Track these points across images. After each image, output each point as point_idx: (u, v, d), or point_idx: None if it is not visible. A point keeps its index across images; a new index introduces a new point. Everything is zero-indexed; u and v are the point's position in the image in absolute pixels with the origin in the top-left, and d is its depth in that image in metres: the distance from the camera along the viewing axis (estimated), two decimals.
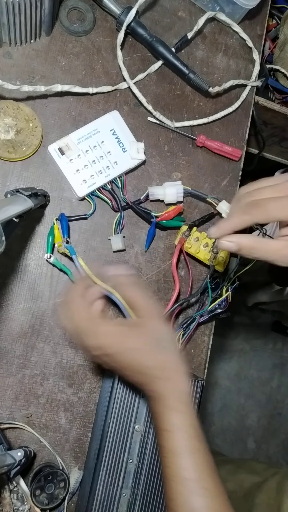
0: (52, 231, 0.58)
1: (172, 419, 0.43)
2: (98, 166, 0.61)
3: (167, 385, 0.44)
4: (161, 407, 0.44)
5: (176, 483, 0.41)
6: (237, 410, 1.65)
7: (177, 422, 0.43)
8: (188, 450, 0.42)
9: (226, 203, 0.64)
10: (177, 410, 0.43)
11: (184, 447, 0.42)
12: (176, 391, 0.44)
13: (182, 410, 0.43)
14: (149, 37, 0.64)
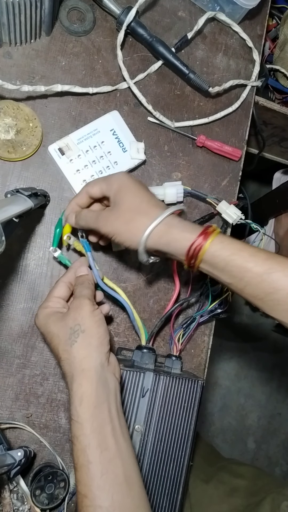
0: (60, 223, 0.55)
1: (72, 427, 0.42)
2: (98, 166, 0.61)
3: (72, 386, 0.43)
4: (69, 405, 0.44)
5: (77, 493, 0.42)
6: (237, 410, 1.65)
7: (75, 432, 0.42)
8: (79, 464, 0.41)
9: (226, 203, 0.64)
10: (75, 420, 0.42)
11: (77, 459, 0.42)
12: (77, 397, 0.42)
13: (79, 420, 0.42)
14: (149, 37, 0.64)
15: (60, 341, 0.46)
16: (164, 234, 0.47)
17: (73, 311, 0.46)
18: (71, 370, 0.44)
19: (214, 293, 0.63)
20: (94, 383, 0.43)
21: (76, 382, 0.43)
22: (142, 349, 0.58)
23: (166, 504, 0.55)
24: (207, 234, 0.46)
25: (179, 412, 0.56)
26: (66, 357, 0.45)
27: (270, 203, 1.18)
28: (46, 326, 0.48)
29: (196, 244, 0.46)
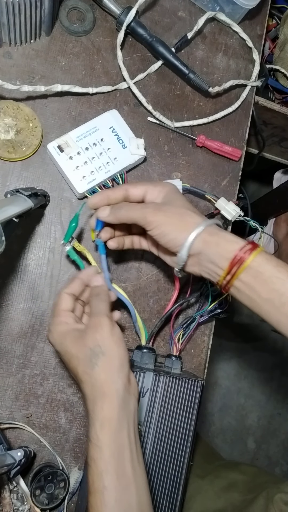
0: (76, 218, 0.53)
1: (90, 450, 0.41)
2: (97, 162, 0.61)
3: (94, 408, 0.42)
4: (89, 427, 0.43)
5: None
6: (237, 410, 1.65)
7: (93, 455, 0.41)
8: (94, 488, 0.40)
9: (224, 200, 0.64)
10: (95, 443, 0.41)
11: (93, 482, 0.41)
12: (98, 421, 0.42)
13: (99, 444, 0.41)
14: (149, 37, 0.64)
15: (79, 362, 0.44)
16: (215, 234, 0.46)
17: (92, 331, 0.45)
18: (93, 393, 0.43)
19: (214, 293, 0.63)
20: (116, 408, 0.42)
21: (97, 405, 0.42)
22: (142, 349, 0.58)
23: (166, 504, 0.55)
24: (256, 245, 0.45)
25: (179, 412, 0.56)
26: (87, 379, 0.43)
27: (270, 203, 1.18)
28: (63, 346, 0.46)
29: (246, 248, 0.44)
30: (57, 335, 0.47)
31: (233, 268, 0.44)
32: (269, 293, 0.43)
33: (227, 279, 0.45)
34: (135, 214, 0.48)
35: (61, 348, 0.46)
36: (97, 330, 0.44)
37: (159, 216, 0.47)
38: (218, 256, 0.45)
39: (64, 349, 0.46)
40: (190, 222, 0.46)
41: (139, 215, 0.48)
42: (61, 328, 0.47)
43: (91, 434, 0.42)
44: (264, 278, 0.43)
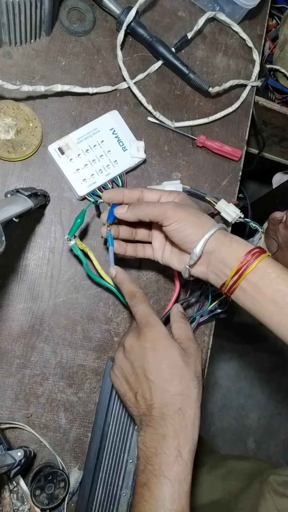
0: (82, 214, 0.54)
1: (176, 467, 0.41)
2: (98, 165, 0.61)
3: (182, 422, 0.42)
4: (165, 446, 0.42)
5: None
6: (237, 410, 1.65)
7: (179, 471, 0.41)
8: (175, 508, 0.40)
9: (224, 201, 0.64)
10: (183, 458, 0.41)
11: (173, 503, 0.40)
12: (188, 436, 0.42)
13: (186, 461, 0.41)
14: (149, 37, 0.64)
15: (184, 374, 0.45)
16: (228, 235, 0.49)
17: (197, 357, 0.47)
18: (183, 406, 0.44)
19: (214, 293, 0.63)
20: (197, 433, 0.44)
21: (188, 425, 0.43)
22: None
23: None
24: (263, 250, 0.47)
25: None
26: (187, 394, 0.44)
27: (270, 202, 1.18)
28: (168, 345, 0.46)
29: (255, 251, 0.46)
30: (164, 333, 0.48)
31: (242, 268, 0.46)
32: (274, 294, 0.45)
33: (234, 279, 0.46)
34: (155, 209, 0.50)
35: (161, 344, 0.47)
36: (199, 360, 0.48)
37: (179, 212, 0.49)
38: (229, 256, 0.47)
39: (168, 350, 0.47)
40: (207, 222, 0.49)
41: (159, 209, 0.49)
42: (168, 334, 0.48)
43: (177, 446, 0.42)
44: (270, 279, 0.45)
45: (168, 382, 0.44)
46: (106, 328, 0.62)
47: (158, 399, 0.44)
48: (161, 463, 0.41)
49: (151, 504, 0.40)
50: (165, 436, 0.42)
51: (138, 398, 0.45)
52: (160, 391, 0.44)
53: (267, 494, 0.64)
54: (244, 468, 0.74)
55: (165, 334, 0.47)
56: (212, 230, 0.48)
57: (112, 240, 0.54)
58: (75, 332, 0.61)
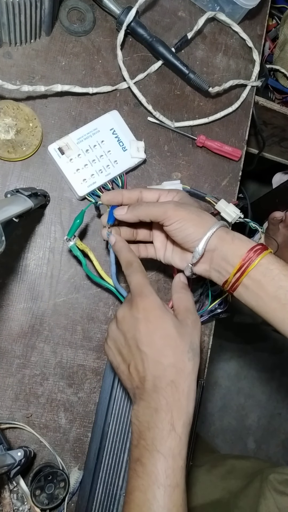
0: (81, 215, 0.54)
1: (169, 441, 0.40)
2: (98, 165, 0.61)
3: (175, 395, 0.41)
4: (157, 419, 0.40)
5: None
6: (237, 410, 1.65)
7: (173, 446, 0.40)
8: (169, 483, 0.39)
9: (224, 201, 0.64)
10: (176, 431, 0.40)
11: (167, 478, 0.39)
12: (182, 410, 0.41)
13: (180, 435, 0.40)
14: (149, 37, 0.64)
15: (177, 346, 0.43)
16: (230, 232, 0.49)
17: (193, 328, 0.45)
18: (177, 379, 0.42)
19: (214, 293, 0.63)
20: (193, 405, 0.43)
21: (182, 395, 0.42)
22: None
23: None
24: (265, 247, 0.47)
25: None
26: (180, 367, 0.42)
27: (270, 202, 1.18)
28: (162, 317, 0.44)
29: (257, 247, 0.46)
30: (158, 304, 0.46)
31: (244, 265, 0.46)
32: (276, 290, 0.45)
33: (237, 276, 0.46)
34: (155, 209, 0.50)
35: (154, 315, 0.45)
36: (197, 330, 0.46)
37: (180, 211, 0.48)
38: (231, 253, 0.47)
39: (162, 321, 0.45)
40: (208, 220, 0.49)
41: (159, 209, 0.49)
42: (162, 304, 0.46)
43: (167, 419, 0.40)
44: (272, 276, 0.45)
45: (161, 354, 0.43)
46: (106, 328, 0.62)
47: (151, 371, 0.42)
48: (154, 437, 0.40)
49: (144, 479, 0.39)
50: (157, 410, 0.41)
51: (131, 370, 0.44)
52: (153, 363, 0.42)
53: (268, 492, 0.64)
54: (244, 467, 0.74)
55: (158, 304, 0.45)
56: (213, 228, 0.47)
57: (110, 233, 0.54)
58: (75, 332, 0.61)
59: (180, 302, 0.49)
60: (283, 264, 0.46)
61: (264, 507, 0.63)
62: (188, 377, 0.42)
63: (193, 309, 0.48)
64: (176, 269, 0.61)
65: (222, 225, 0.49)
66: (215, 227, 0.48)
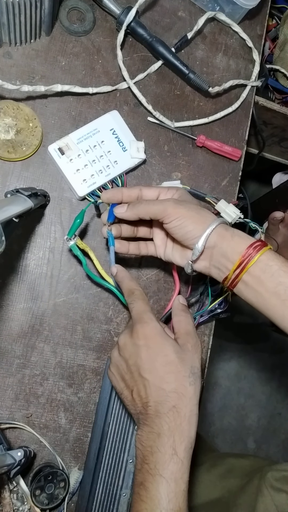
0: (81, 214, 0.54)
1: (172, 465, 0.41)
2: (98, 165, 0.61)
3: (175, 420, 0.42)
4: (160, 444, 0.41)
5: None
6: (237, 410, 1.65)
7: (175, 470, 0.41)
8: (171, 507, 0.40)
9: (224, 202, 0.64)
10: (178, 456, 0.41)
11: (169, 502, 0.40)
12: (183, 434, 0.42)
13: (182, 459, 0.41)
14: (149, 37, 0.64)
15: (179, 372, 0.44)
16: (230, 229, 0.49)
17: (194, 352, 0.46)
18: (178, 404, 0.43)
19: (214, 293, 0.63)
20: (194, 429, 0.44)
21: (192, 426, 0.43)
22: None
23: None
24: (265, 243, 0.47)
25: None
26: (181, 392, 0.43)
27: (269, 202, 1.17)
28: (163, 343, 0.46)
29: (257, 244, 0.46)
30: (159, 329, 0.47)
31: (244, 262, 0.46)
32: (276, 286, 0.45)
33: (236, 273, 0.46)
34: (155, 207, 0.50)
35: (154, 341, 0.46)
36: (197, 354, 0.47)
37: (179, 208, 0.49)
38: (230, 250, 0.47)
39: (162, 346, 0.46)
40: (207, 217, 0.49)
41: (159, 207, 0.49)
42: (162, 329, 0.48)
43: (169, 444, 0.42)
44: (272, 272, 0.45)
45: (163, 380, 0.44)
46: (106, 328, 0.62)
47: (153, 397, 0.43)
48: (157, 462, 0.41)
49: (148, 503, 0.40)
50: (160, 435, 0.42)
51: (134, 396, 0.45)
52: (155, 389, 0.44)
53: (265, 490, 0.64)
54: (243, 466, 0.74)
55: (158, 330, 0.46)
56: (213, 225, 0.48)
57: (113, 240, 0.54)
58: (75, 332, 0.61)
59: (180, 325, 0.50)
60: (283, 261, 0.46)
61: (262, 505, 0.63)
62: (190, 402, 0.43)
63: (193, 333, 0.49)
64: (176, 267, 0.61)
65: (222, 222, 0.49)
66: (214, 224, 0.48)
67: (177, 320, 0.51)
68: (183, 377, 0.44)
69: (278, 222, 0.99)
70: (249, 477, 0.69)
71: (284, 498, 0.62)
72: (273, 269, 0.45)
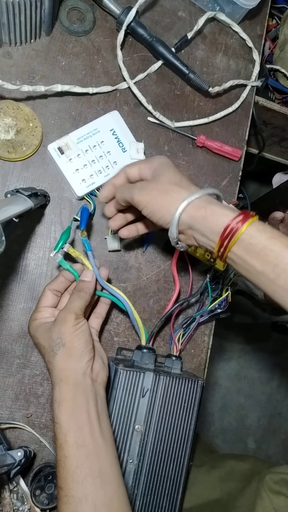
0: (68, 230, 0.54)
1: (53, 428, 0.46)
2: (97, 165, 0.61)
3: (53, 392, 0.47)
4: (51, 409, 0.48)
5: (57, 488, 0.45)
6: (237, 410, 1.65)
7: (55, 431, 0.46)
8: (57, 459, 0.45)
9: (224, 202, 0.64)
10: (55, 421, 0.46)
11: (56, 455, 0.46)
12: (56, 402, 0.46)
13: (58, 421, 0.46)
14: (149, 37, 0.64)
15: (45, 351, 0.49)
16: (202, 207, 0.45)
17: (58, 324, 0.49)
18: (53, 379, 0.48)
19: (214, 293, 0.63)
20: (72, 392, 0.47)
21: (56, 389, 0.47)
22: (142, 349, 0.58)
23: (166, 504, 0.55)
24: (247, 215, 0.43)
25: (179, 412, 0.56)
26: (50, 367, 0.48)
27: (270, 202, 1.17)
28: (35, 337, 0.51)
29: (237, 220, 0.43)
30: (32, 329, 0.52)
31: (225, 242, 0.43)
32: (263, 266, 0.42)
33: (221, 252, 0.44)
34: (126, 195, 0.49)
35: (34, 341, 0.52)
36: (61, 324, 0.48)
37: (143, 196, 0.47)
38: (208, 231, 0.45)
39: (36, 341, 0.51)
40: (175, 198, 0.46)
41: (129, 196, 0.49)
42: (35, 323, 0.52)
43: (53, 414, 0.47)
44: (256, 251, 0.42)
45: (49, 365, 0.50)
46: (106, 328, 0.62)
47: None
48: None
49: None
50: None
51: None
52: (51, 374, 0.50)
53: (264, 493, 0.64)
54: (243, 470, 0.74)
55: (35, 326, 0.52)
56: (180, 208, 0.45)
57: (89, 245, 0.55)
58: None
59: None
60: (268, 236, 0.42)
61: (260, 508, 0.63)
62: (57, 368, 0.48)
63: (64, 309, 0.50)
64: (176, 259, 0.61)
65: (193, 199, 0.45)
66: (182, 206, 0.45)
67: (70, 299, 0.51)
68: (49, 353, 0.48)
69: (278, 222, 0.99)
70: (248, 480, 0.69)
71: (283, 501, 0.62)
72: (257, 248, 0.42)
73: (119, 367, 0.54)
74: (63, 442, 0.45)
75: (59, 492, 0.44)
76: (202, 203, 0.45)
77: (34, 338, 0.52)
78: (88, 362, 0.49)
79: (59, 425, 0.46)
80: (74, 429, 0.45)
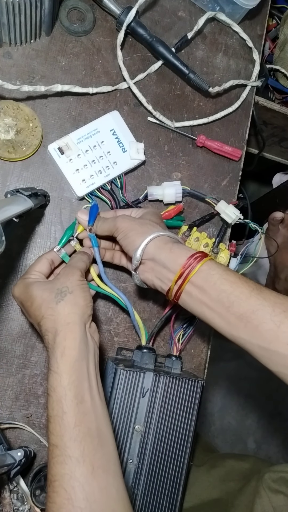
0: (72, 226, 0.57)
1: (50, 378, 0.44)
2: (97, 166, 0.61)
3: (55, 339, 0.45)
4: (49, 359, 0.45)
5: (48, 445, 0.43)
6: (237, 410, 1.65)
7: (52, 383, 0.43)
8: (54, 414, 0.42)
9: (224, 203, 0.64)
10: (55, 371, 0.43)
11: (52, 410, 0.43)
12: (60, 349, 0.44)
13: (58, 371, 0.43)
14: (149, 37, 0.64)
15: (44, 300, 0.47)
16: (170, 242, 0.50)
17: (63, 277, 0.49)
18: (55, 325, 0.45)
19: None
20: (78, 338, 0.45)
21: (59, 335, 0.45)
22: (142, 349, 0.58)
23: (166, 504, 0.55)
24: (205, 254, 0.49)
25: (179, 412, 0.56)
26: (50, 314, 0.46)
27: (270, 202, 1.17)
28: (27, 292, 0.49)
29: (197, 255, 0.48)
30: (22, 285, 0.50)
31: (185, 272, 0.47)
32: (219, 294, 0.46)
33: (179, 284, 0.48)
34: (109, 224, 0.53)
35: (24, 296, 0.49)
36: (67, 276, 0.48)
37: (125, 222, 0.52)
38: (171, 261, 0.48)
39: (28, 294, 0.48)
40: (149, 229, 0.51)
41: (111, 223, 0.53)
42: (27, 281, 0.50)
43: (51, 363, 0.44)
44: (214, 281, 0.46)
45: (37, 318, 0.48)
46: (106, 328, 0.62)
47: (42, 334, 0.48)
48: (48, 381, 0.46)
49: None
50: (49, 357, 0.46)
51: None
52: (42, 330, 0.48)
53: (262, 491, 0.64)
54: (243, 469, 0.74)
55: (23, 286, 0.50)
56: (150, 236, 0.49)
57: (96, 241, 0.55)
58: None
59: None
60: (224, 269, 0.47)
61: (259, 506, 0.63)
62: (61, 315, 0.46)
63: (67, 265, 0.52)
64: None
65: (162, 234, 0.50)
66: (152, 235, 0.49)
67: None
68: (47, 304, 0.46)
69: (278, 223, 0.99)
70: (247, 479, 0.69)
71: (282, 500, 0.63)
72: (215, 278, 0.46)
73: (119, 367, 0.54)
74: (62, 396, 0.42)
75: (53, 450, 0.41)
76: (171, 240, 0.51)
77: (24, 294, 0.49)
78: (90, 317, 0.48)
79: (59, 375, 0.43)
80: (75, 383, 0.43)
